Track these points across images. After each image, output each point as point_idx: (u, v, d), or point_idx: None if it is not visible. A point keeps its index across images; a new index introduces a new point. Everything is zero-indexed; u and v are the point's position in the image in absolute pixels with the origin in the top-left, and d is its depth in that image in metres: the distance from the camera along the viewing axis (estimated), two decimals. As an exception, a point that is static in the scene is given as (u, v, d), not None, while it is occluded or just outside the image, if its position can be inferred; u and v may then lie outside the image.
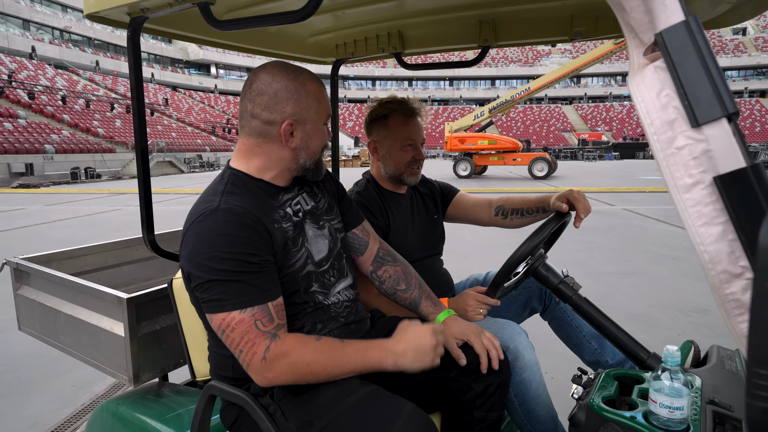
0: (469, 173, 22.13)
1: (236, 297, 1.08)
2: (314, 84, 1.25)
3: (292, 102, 1.21)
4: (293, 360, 1.09)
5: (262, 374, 1.09)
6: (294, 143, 1.24)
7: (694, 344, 1.51)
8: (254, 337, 1.08)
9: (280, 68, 1.23)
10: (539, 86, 21.11)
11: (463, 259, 6.09)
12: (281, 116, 1.21)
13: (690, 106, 0.60)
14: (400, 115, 1.70)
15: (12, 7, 41.42)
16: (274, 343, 1.09)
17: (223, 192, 1.18)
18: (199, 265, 1.09)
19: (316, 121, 1.25)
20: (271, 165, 1.25)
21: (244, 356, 1.09)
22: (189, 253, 1.12)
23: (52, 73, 39.33)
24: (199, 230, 1.11)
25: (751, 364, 0.44)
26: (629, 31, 0.70)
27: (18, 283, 1.87)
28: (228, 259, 1.08)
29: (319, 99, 1.25)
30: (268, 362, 1.08)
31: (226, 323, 1.09)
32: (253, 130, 1.24)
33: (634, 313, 4.09)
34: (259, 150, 1.25)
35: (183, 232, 1.16)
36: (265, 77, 1.21)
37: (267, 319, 1.10)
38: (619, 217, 9.57)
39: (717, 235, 0.59)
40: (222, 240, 1.09)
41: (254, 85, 1.22)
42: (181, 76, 59.35)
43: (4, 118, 25.61)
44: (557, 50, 73.82)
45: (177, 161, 30.05)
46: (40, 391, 2.95)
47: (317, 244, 1.29)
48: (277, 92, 1.20)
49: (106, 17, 1.34)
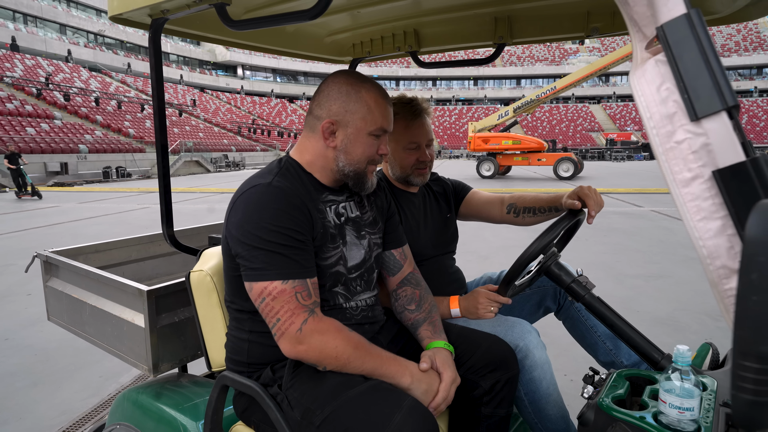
0: (492, 173, 21.91)
1: (279, 268, 1.14)
2: (371, 93, 1.27)
3: (340, 102, 1.25)
4: (326, 340, 1.13)
5: (294, 345, 1.13)
6: (335, 143, 1.27)
7: (712, 346, 1.47)
8: (294, 308, 1.13)
9: (346, 73, 1.30)
10: (565, 85, 20.73)
11: (484, 260, 6.04)
12: (327, 113, 1.26)
13: (689, 99, 0.59)
14: (402, 118, 1.67)
15: (50, 12, 43.00)
16: (312, 318, 1.14)
17: (277, 173, 1.24)
18: (247, 233, 1.14)
19: (360, 128, 1.26)
20: (316, 161, 1.30)
21: (281, 325, 1.13)
22: (239, 220, 1.17)
23: (86, 76, 40.63)
24: (251, 200, 1.17)
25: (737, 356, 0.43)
26: (632, 24, 0.70)
27: (47, 275, 1.95)
28: (276, 231, 1.14)
29: (371, 108, 1.26)
30: (304, 334, 1.12)
31: (268, 291, 1.13)
32: (307, 123, 1.32)
33: (659, 317, 3.99)
34: (308, 143, 1.31)
35: (233, 200, 1.22)
36: (330, 78, 1.29)
37: (306, 294, 1.15)
38: (647, 218, 9.34)
39: (716, 229, 0.58)
40: (272, 213, 1.14)
41: (321, 85, 1.30)
42: (209, 77, 60.55)
43: (42, 119, 26.60)
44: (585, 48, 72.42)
45: (204, 161, 30.65)
46: (69, 380, 3.06)
47: (352, 251, 1.32)
48: (331, 91, 1.27)
49: (129, 19, 1.39)
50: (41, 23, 43.15)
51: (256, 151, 40.46)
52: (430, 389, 1.20)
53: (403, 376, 1.18)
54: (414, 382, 1.18)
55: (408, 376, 1.18)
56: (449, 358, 1.29)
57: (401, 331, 1.46)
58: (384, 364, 1.18)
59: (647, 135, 0.63)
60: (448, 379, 1.22)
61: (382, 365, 1.17)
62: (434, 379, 1.21)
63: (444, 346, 1.32)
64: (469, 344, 1.36)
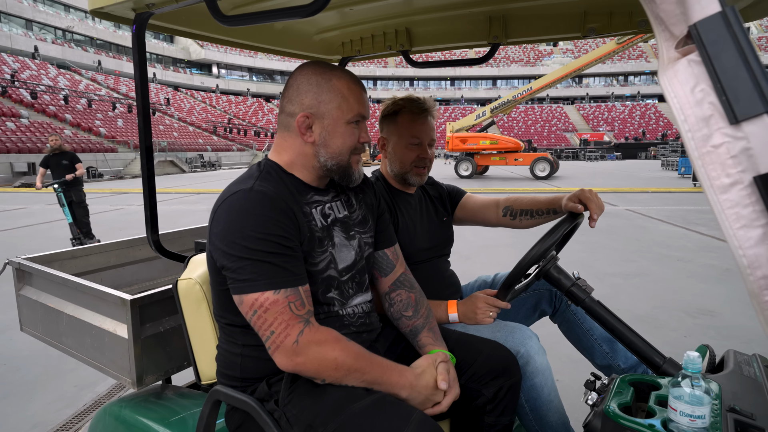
0: (470, 173, 22.09)
1: (269, 277, 1.07)
2: (342, 81, 1.21)
3: (312, 94, 1.20)
4: (324, 351, 1.08)
5: (291, 358, 1.07)
6: (313, 138, 1.21)
7: (709, 348, 1.47)
8: (288, 319, 1.07)
9: (313, 64, 1.24)
10: (541, 86, 21.07)
11: (466, 260, 6.06)
12: (300, 107, 1.20)
13: (728, 101, 0.57)
14: (408, 112, 1.67)
15: (15, 7, 41.46)
16: (308, 328, 1.08)
17: (258, 177, 1.18)
18: (231, 243, 1.08)
19: (337, 117, 1.21)
20: (296, 159, 1.24)
21: (275, 337, 1.07)
22: (221, 230, 1.10)
23: (54, 73, 39.37)
24: (233, 208, 1.10)
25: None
26: (658, 23, 0.67)
27: (20, 284, 1.84)
28: (261, 239, 1.07)
29: (345, 96, 1.21)
30: (300, 346, 1.06)
31: (259, 303, 1.07)
32: (280, 122, 1.26)
33: (639, 315, 4.05)
34: (285, 143, 1.25)
35: (214, 210, 1.15)
36: (297, 72, 1.23)
37: (299, 303, 1.09)
38: (622, 217, 9.53)
39: (757, 238, 0.55)
40: (256, 220, 1.08)
41: (289, 80, 1.24)
42: (183, 75, 59.36)
43: (7, 118, 25.65)
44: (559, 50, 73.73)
45: (179, 161, 30.08)
46: (42, 391, 2.93)
47: (342, 253, 1.26)
48: (300, 84, 1.21)
49: (111, 13, 1.31)
50: (6, 18, 41.57)
51: (232, 151, 39.88)
52: (426, 401, 1.16)
53: (403, 387, 1.13)
54: (413, 393, 1.14)
55: (407, 388, 1.14)
56: (455, 373, 1.25)
57: (398, 338, 1.42)
58: (384, 374, 1.13)
59: (682, 138, 0.60)
60: (452, 397, 1.19)
61: (383, 375, 1.13)
62: (432, 392, 1.17)
63: (446, 354, 1.28)
64: (469, 351, 1.33)
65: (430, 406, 1.17)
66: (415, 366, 1.21)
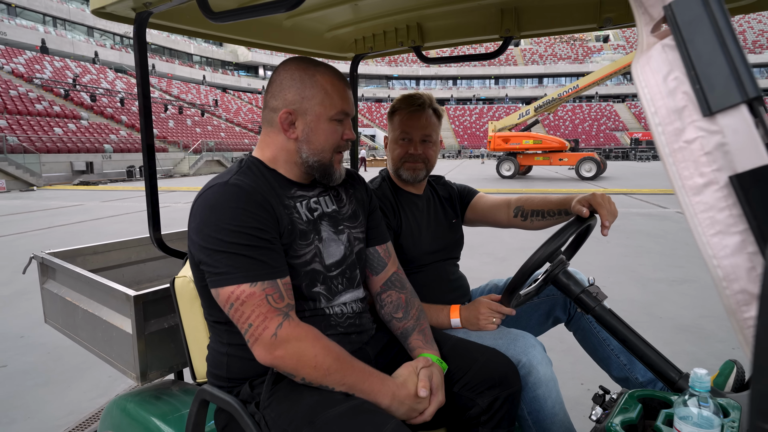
0: (512, 173, 21.61)
1: (245, 270, 1.06)
2: (326, 76, 1.19)
3: (294, 90, 1.18)
4: (303, 347, 1.06)
5: (270, 351, 1.05)
6: (295, 134, 1.20)
7: (737, 364, 1.35)
8: (266, 311, 1.05)
9: (296, 59, 1.22)
10: (588, 83, 20.28)
11: (502, 261, 5.90)
12: (282, 103, 1.19)
13: (702, 90, 0.49)
14: (400, 110, 1.64)
15: (78, 15, 44.12)
16: (287, 322, 1.06)
17: (237, 172, 1.17)
18: (207, 237, 1.07)
19: (320, 114, 1.19)
20: (279, 155, 1.23)
21: (253, 330, 1.05)
22: (197, 224, 1.10)
23: (112, 77, 41.57)
24: (208, 202, 1.10)
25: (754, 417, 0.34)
26: (638, 5, 0.60)
27: (44, 278, 1.93)
28: (236, 231, 1.06)
29: (328, 92, 1.19)
30: (279, 340, 1.05)
31: (236, 296, 1.05)
32: (264, 118, 1.24)
33: (683, 324, 3.81)
34: (268, 139, 1.24)
35: (192, 205, 1.15)
36: (281, 67, 1.22)
37: (278, 296, 1.07)
38: (672, 220, 9.04)
39: (734, 246, 0.48)
40: (231, 213, 1.07)
41: (272, 75, 1.23)
42: (231, 77, 61.36)
43: (69, 120, 27.28)
44: (609, 46, 71.01)
45: (225, 160, 31.06)
46: (79, 380, 3.07)
47: (330, 248, 1.24)
48: (284, 79, 1.20)
49: (113, 13, 1.33)
50: (70, 26, 44.28)
51: (276, 151, 40.73)
52: (411, 411, 1.11)
53: (384, 396, 1.09)
54: (394, 403, 1.09)
55: (388, 397, 1.09)
56: (441, 378, 1.20)
57: (391, 342, 1.37)
58: (366, 380, 1.09)
59: (651, 133, 0.53)
60: (436, 404, 1.13)
61: (363, 380, 1.09)
62: (415, 401, 1.12)
63: (436, 362, 1.22)
64: (464, 359, 1.26)
65: (416, 416, 1.12)
66: (396, 375, 1.16)
